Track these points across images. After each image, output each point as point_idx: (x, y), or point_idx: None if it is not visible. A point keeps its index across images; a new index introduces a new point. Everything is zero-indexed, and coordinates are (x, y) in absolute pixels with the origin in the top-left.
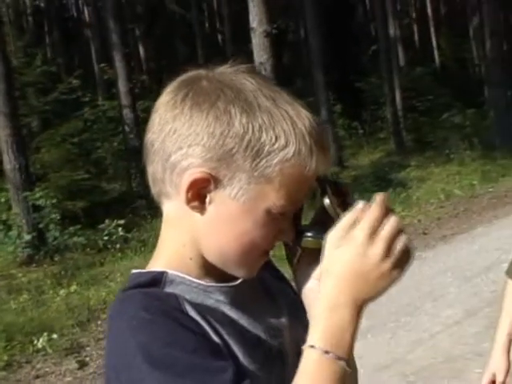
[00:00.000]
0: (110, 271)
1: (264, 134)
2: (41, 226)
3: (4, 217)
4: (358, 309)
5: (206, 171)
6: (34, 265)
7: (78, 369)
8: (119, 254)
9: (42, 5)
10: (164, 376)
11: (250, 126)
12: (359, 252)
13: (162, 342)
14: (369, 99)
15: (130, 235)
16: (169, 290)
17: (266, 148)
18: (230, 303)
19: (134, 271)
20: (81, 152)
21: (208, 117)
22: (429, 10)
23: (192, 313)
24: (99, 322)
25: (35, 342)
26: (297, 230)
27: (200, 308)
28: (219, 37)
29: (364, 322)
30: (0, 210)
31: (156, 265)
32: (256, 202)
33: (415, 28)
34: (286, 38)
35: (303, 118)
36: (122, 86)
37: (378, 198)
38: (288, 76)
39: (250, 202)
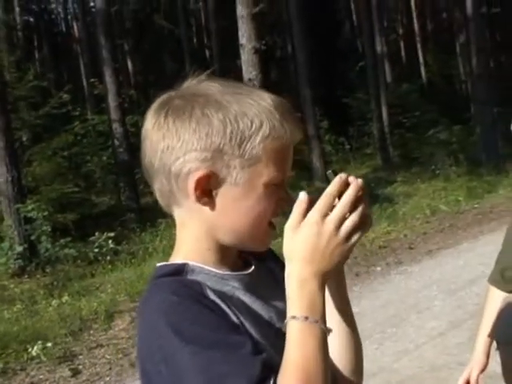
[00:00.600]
0: (100, 282)
1: (241, 122)
2: (32, 237)
3: None
4: (323, 279)
5: (205, 170)
6: (26, 276)
7: (72, 376)
8: (109, 266)
9: (32, 19)
10: (193, 348)
11: (227, 119)
12: (313, 231)
13: (190, 321)
14: (356, 115)
15: (119, 247)
16: (191, 277)
17: (246, 133)
18: (244, 289)
19: (159, 264)
20: (71, 165)
21: (191, 124)
22: (415, 27)
23: (213, 297)
24: (91, 332)
25: (29, 349)
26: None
27: (219, 293)
28: (207, 52)
29: None
30: None
31: (176, 259)
32: (253, 180)
33: (402, 44)
34: (274, 54)
35: (266, 98)
36: (112, 100)
37: (335, 180)
38: (276, 92)
39: (248, 183)
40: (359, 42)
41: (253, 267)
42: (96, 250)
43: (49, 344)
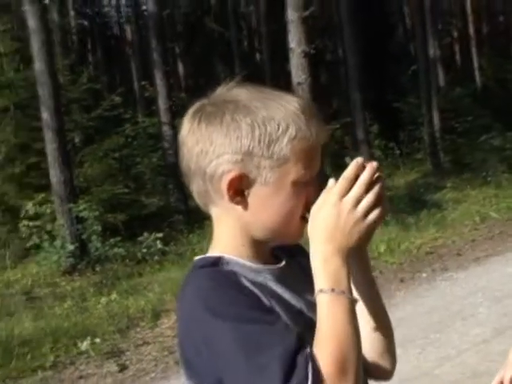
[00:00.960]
0: (148, 282)
1: (268, 126)
2: (83, 236)
3: (49, 227)
4: (345, 255)
5: (236, 171)
6: (77, 274)
7: (119, 372)
8: (157, 266)
9: (86, 23)
10: (231, 325)
11: (255, 123)
12: (333, 212)
13: (227, 303)
14: (406, 120)
15: (167, 248)
16: (226, 268)
17: (274, 135)
18: (276, 281)
19: (197, 257)
20: (121, 167)
21: (222, 129)
22: (471, 30)
23: (247, 284)
24: (138, 329)
25: (79, 345)
26: None
27: (252, 282)
28: (257, 55)
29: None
30: (45, 220)
31: (213, 253)
32: (282, 179)
33: (457, 48)
34: (324, 57)
35: (291, 102)
36: (162, 103)
37: (351, 164)
38: (325, 96)
39: (278, 182)
40: (412, 45)
41: (284, 262)
42: (144, 250)
43: (97, 340)
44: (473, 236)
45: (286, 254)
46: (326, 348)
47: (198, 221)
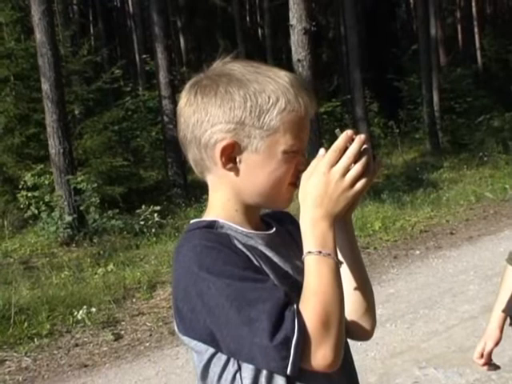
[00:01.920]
0: (144, 254)
1: (259, 98)
2: (81, 208)
3: (47, 198)
4: (332, 220)
5: (229, 139)
6: (74, 245)
7: (114, 340)
8: (154, 239)
9: None
10: (225, 281)
11: (247, 95)
12: (322, 180)
13: (221, 262)
14: (406, 99)
15: (164, 221)
16: (221, 231)
17: (264, 107)
18: (266, 245)
19: (193, 220)
20: (121, 140)
21: (216, 100)
22: (473, 10)
23: (240, 246)
24: (134, 300)
25: (75, 313)
26: None
27: (244, 245)
28: (260, 31)
29: (384, 312)
30: (44, 191)
31: (208, 217)
32: (272, 148)
33: (459, 28)
34: (327, 34)
35: (282, 76)
36: (163, 77)
37: (341, 135)
38: (326, 73)
39: (268, 150)
40: (414, 24)
41: (274, 229)
42: (142, 223)
43: (93, 309)
44: (467, 215)
45: (276, 221)
46: (310, 304)
47: (196, 195)
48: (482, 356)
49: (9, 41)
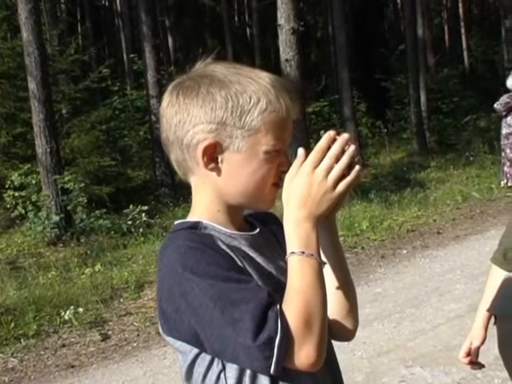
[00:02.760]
0: (132, 254)
1: (240, 98)
2: (69, 208)
3: (34, 198)
4: (315, 221)
5: (211, 140)
6: (61, 244)
7: (101, 341)
8: (142, 238)
9: None
10: (209, 282)
11: (229, 96)
12: (306, 180)
13: (205, 262)
14: (393, 99)
15: (152, 221)
16: (204, 232)
17: (246, 107)
18: (249, 246)
19: (177, 221)
20: (108, 139)
21: (198, 101)
22: (460, 11)
23: (223, 247)
24: (121, 300)
25: (62, 314)
26: None
27: (227, 245)
28: (248, 30)
29: (371, 311)
30: (30, 191)
31: (192, 218)
32: (254, 148)
33: (446, 28)
34: (315, 34)
35: (263, 77)
36: (151, 76)
37: (324, 136)
38: (314, 73)
39: (250, 150)
40: (402, 24)
41: (258, 229)
42: (129, 223)
43: (80, 309)
44: (454, 215)
45: (260, 222)
46: (293, 304)
47: (184, 194)
48: (467, 355)
49: None
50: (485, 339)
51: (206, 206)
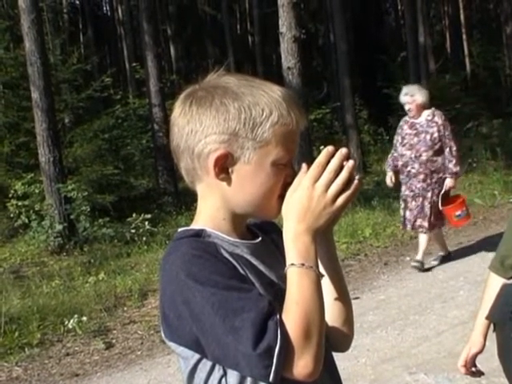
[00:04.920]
0: (135, 262)
1: (253, 110)
2: (72, 217)
3: (37, 207)
4: (314, 234)
5: (222, 150)
6: (65, 253)
7: (105, 349)
8: (145, 247)
9: (77, 2)
10: (211, 290)
11: (242, 108)
12: (305, 194)
13: (208, 271)
14: (395, 106)
15: (155, 229)
16: (208, 240)
17: (258, 119)
18: (251, 254)
19: (180, 229)
20: (111, 148)
21: (211, 111)
22: (461, 17)
23: (226, 254)
24: (125, 308)
25: (66, 323)
26: None
27: (230, 253)
28: (250, 39)
29: (374, 318)
30: (34, 200)
31: (196, 226)
32: (263, 159)
33: (447, 35)
34: (317, 42)
35: (275, 90)
36: (153, 85)
37: (323, 151)
38: (316, 81)
39: (259, 161)
40: (403, 32)
41: (260, 238)
42: (133, 231)
43: (84, 318)
44: None
45: (262, 231)
46: (292, 314)
47: (187, 203)
48: (466, 363)
49: None
50: (484, 347)
51: (211, 214)
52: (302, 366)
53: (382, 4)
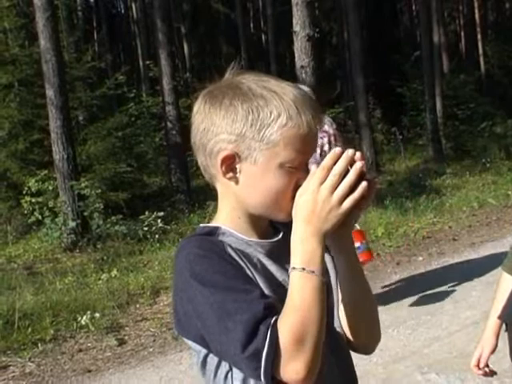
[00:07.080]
0: (148, 259)
1: (261, 112)
2: (85, 214)
3: (51, 204)
4: (321, 237)
5: (230, 150)
6: (78, 250)
7: (118, 346)
8: (158, 245)
9: (92, 0)
10: (211, 290)
11: (250, 109)
12: (311, 197)
13: (211, 270)
14: (409, 105)
15: (168, 227)
16: (220, 238)
17: (265, 121)
18: (265, 254)
19: (201, 225)
20: (124, 146)
21: (221, 111)
22: (476, 17)
23: (233, 254)
24: (137, 306)
25: (79, 319)
26: None
27: (240, 253)
28: (263, 37)
29: (386, 318)
30: (47, 197)
31: (215, 223)
32: (270, 161)
33: (462, 34)
34: (331, 40)
35: (288, 93)
36: (166, 83)
37: (330, 153)
38: (329, 79)
39: (266, 163)
40: (417, 31)
41: (280, 236)
42: (145, 229)
43: (97, 315)
44: (470, 222)
45: (285, 227)
46: (287, 320)
47: (199, 200)
48: (478, 363)
49: (13, 47)
50: (496, 347)
51: (228, 213)
52: (292, 371)
53: (397, 3)
